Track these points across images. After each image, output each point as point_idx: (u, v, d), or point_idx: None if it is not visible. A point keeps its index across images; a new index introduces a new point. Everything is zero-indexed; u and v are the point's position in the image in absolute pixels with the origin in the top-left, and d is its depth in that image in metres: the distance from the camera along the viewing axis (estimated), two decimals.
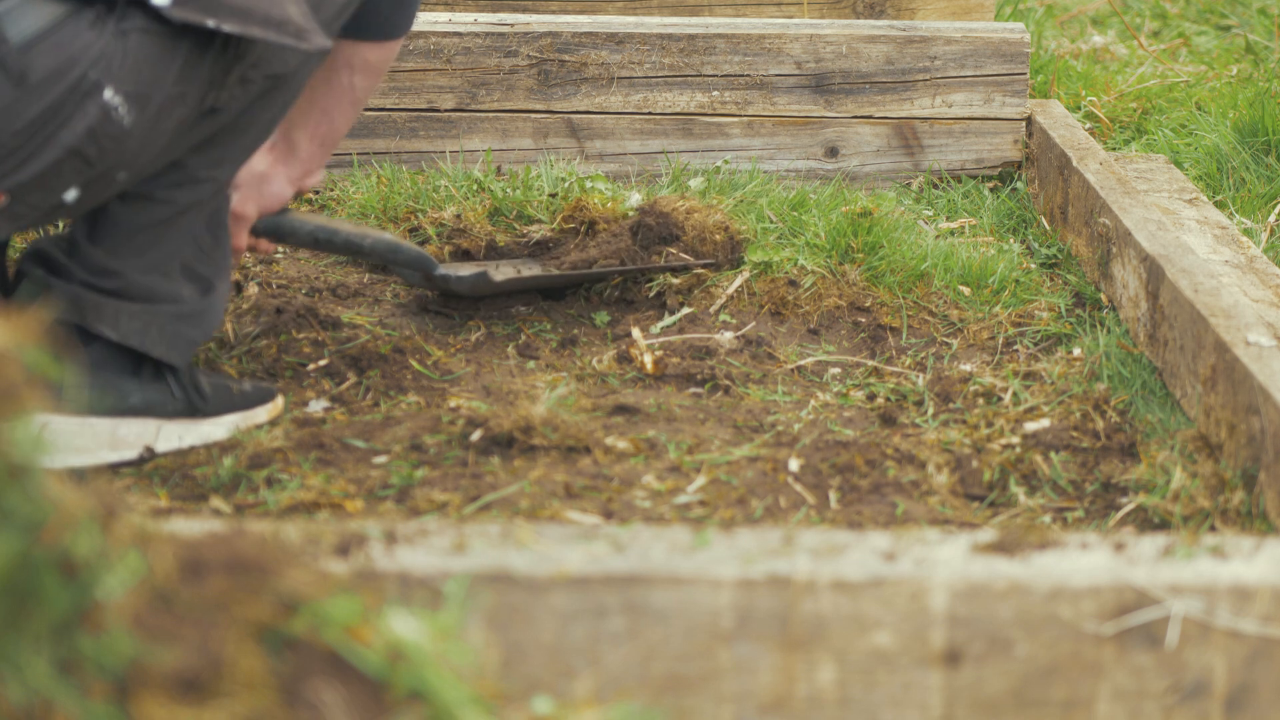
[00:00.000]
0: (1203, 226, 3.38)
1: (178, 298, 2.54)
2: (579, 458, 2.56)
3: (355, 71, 2.62)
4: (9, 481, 1.34)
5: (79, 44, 2.28)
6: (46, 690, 1.30)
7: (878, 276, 3.14)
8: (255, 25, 2.33)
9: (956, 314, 3.08)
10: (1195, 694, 1.74)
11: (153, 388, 2.55)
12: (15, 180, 2.30)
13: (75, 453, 2.51)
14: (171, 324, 2.53)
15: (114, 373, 2.52)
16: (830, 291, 3.09)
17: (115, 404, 2.52)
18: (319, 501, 2.43)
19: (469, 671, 1.45)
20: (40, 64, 2.26)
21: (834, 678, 1.73)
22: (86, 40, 2.28)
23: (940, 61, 3.66)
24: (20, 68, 2.25)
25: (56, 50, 2.27)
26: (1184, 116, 4.12)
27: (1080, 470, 2.56)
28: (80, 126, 2.30)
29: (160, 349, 2.53)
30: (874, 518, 2.42)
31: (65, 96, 2.28)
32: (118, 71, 2.30)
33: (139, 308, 2.51)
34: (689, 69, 3.65)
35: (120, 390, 2.53)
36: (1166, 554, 1.77)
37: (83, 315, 2.49)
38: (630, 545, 1.75)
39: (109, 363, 2.53)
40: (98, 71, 2.29)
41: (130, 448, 2.55)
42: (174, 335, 2.53)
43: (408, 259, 2.95)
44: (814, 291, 3.08)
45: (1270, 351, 2.40)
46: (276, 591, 1.40)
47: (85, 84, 2.29)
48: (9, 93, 2.25)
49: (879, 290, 3.10)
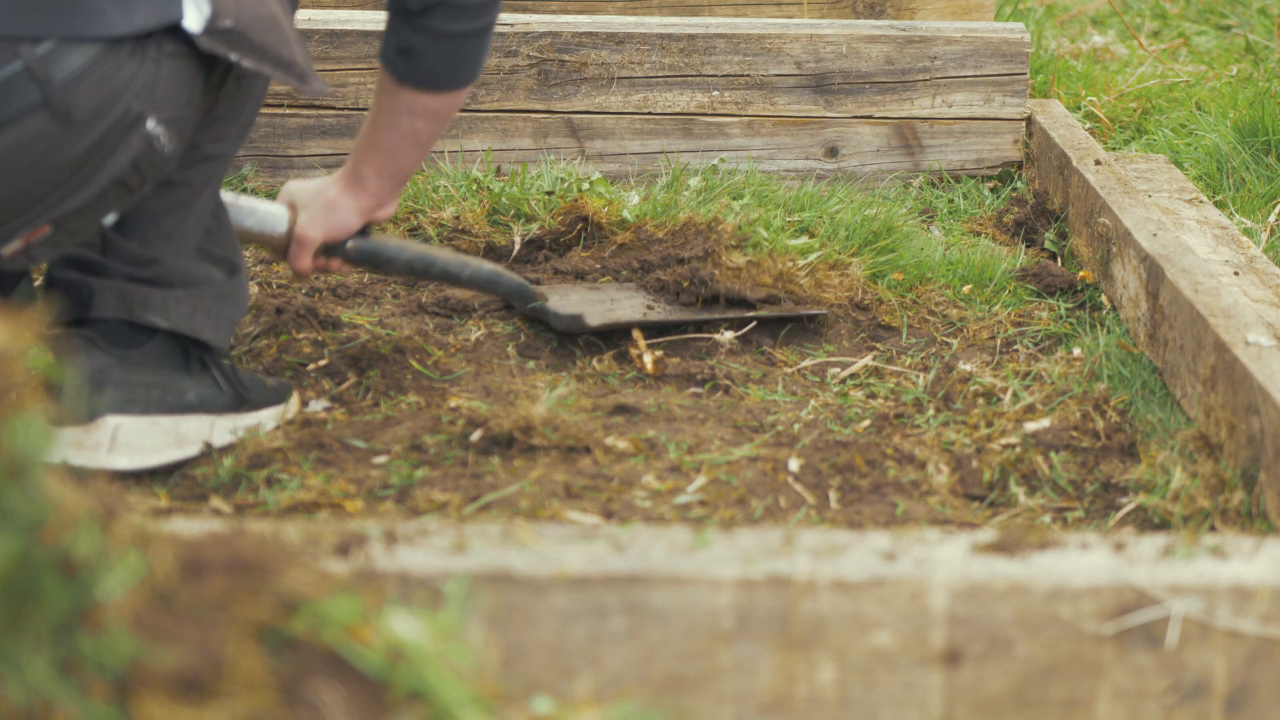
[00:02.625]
0: (1203, 226, 3.38)
1: (211, 279, 2.57)
2: (579, 458, 2.56)
3: (417, 117, 2.64)
4: (9, 481, 1.34)
5: (121, 77, 2.30)
6: (46, 690, 1.30)
7: (880, 275, 3.14)
8: (268, 64, 2.40)
9: (956, 313, 3.08)
10: (1195, 694, 1.74)
11: (204, 383, 2.58)
12: (59, 212, 2.34)
13: (148, 453, 2.52)
14: (215, 305, 2.56)
15: (171, 370, 2.54)
16: (831, 283, 3.09)
17: (175, 402, 2.54)
18: (319, 501, 2.44)
19: (469, 671, 1.45)
20: (84, 102, 2.28)
21: (834, 678, 1.73)
22: (128, 72, 2.31)
23: (940, 61, 3.66)
24: (65, 106, 2.27)
25: (100, 86, 2.29)
26: (1184, 116, 4.12)
27: (1080, 470, 2.56)
28: (125, 158, 2.34)
29: (208, 332, 2.55)
30: (874, 518, 2.42)
31: (110, 130, 2.31)
32: (157, 99, 2.34)
33: (183, 293, 2.53)
34: (689, 69, 3.65)
35: (178, 388, 2.55)
36: (1166, 554, 1.77)
37: (131, 309, 2.51)
38: (630, 545, 1.76)
39: (165, 361, 2.55)
40: (140, 103, 2.32)
41: (192, 444, 2.56)
42: (218, 317, 2.56)
43: (507, 290, 2.93)
44: (815, 280, 3.08)
45: (1270, 351, 2.40)
46: (276, 591, 1.40)
47: (129, 117, 2.32)
48: (55, 131, 2.28)
49: (878, 289, 3.11)
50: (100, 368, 2.49)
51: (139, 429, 2.51)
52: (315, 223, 2.71)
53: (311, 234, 2.71)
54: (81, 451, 2.48)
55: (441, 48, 2.58)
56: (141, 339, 2.53)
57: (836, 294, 3.08)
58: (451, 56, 2.60)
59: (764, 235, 3.11)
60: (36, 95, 2.24)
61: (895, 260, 3.17)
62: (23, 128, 2.25)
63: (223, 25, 2.34)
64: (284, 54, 2.42)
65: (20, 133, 2.25)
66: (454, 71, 2.61)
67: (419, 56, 2.58)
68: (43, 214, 2.32)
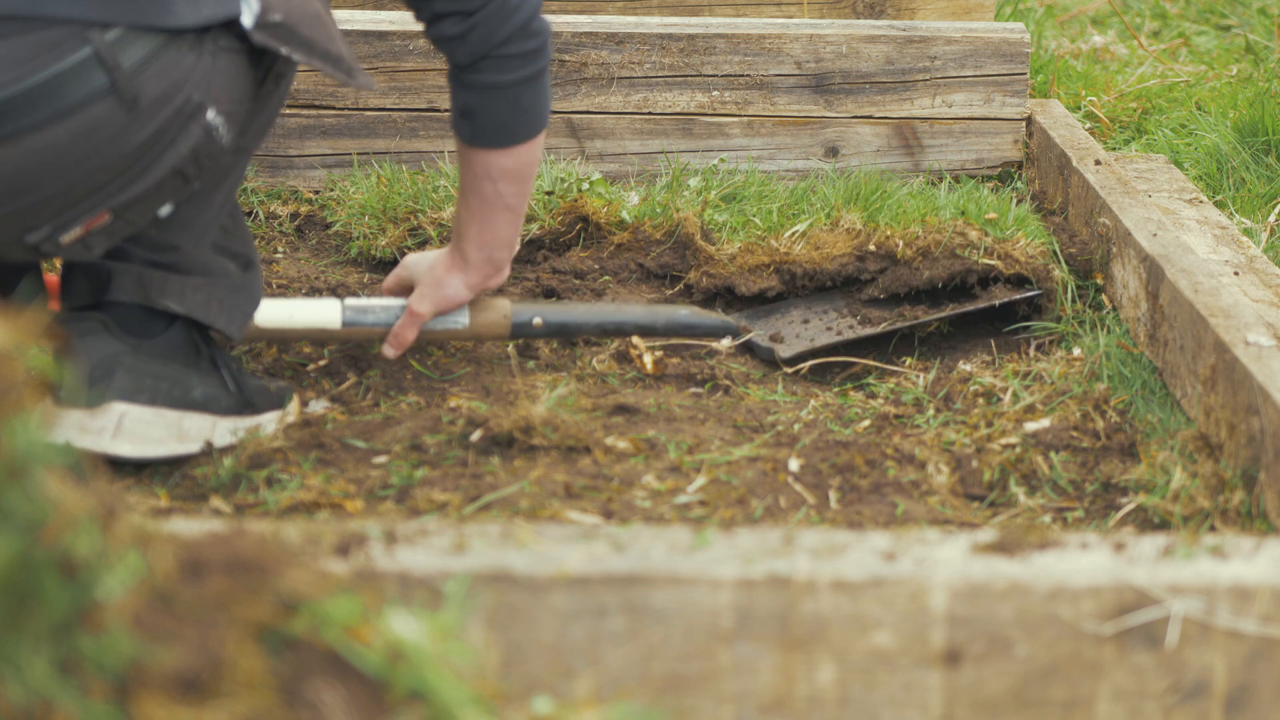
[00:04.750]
0: (1203, 226, 3.38)
1: (226, 271, 2.59)
2: (579, 458, 2.56)
3: (496, 180, 2.64)
4: (9, 481, 1.34)
5: (183, 67, 2.34)
6: (46, 690, 1.30)
7: (875, 214, 3.12)
8: (317, 58, 2.44)
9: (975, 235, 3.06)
10: (1195, 694, 1.74)
11: (210, 382, 2.58)
12: (120, 200, 2.37)
13: (151, 444, 2.53)
14: (229, 296, 2.58)
15: (180, 365, 2.55)
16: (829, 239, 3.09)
17: (181, 396, 2.56)
18: (319, 501, 2.44)
19: (469, 671, 1.45)
20: (150, 88, 2.32)
21: (834, 678, 1.73)
22: (189, 63, 2.35)
23: (940, 61, 3.66)
24: (133, 93, 2.30)
25: (163, 74, 2.32)
26: (1184, 116, 4.12)
27: (1080, 470, 2.56)
28: (185, 147, 2.37)
29: (221, 321, 2.57)
30: (874, 518, 2.42)
31: (172, 119, 2.35)
32: (216, 92, 2.38)
33: (200, 280, 2.55)
34: (689, 69, 3.65)
35: (185, 383, 2.56)
36: (1166, 554, 1.77)
37: (148, 294, 2.52)
38: (630, 545, 1.75)
39: (176, 354, 2.56)
40: (200, 93, 2.36)
41: (194, 441, 2.57)
42: (232, 308, 2.58)
43: (709, 331, 2.93)
44: (811, 244, 3.07)
45: (1270, 351, 2.40)
46: (276, 591, 1.40)
47: (189, 106, 2.36)
48: (121, 118, 2.31)
49: (879, 226, 3.09)
50: (111, 353, 2.50)
51: (144, 418, 2.52)
52: (425, 298, 2.75)
53: (422, 309, 2.75)
54: (85, 435, 2.49)
55: (497, 102, 2.59)
56: (155, 329, 2.54)
57: (842, 246, 3.07)
58: (510, 109, 2.60)
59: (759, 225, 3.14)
60: (104, 81, 2.28)
61: (886, 204, 3.16)
62: (90, 113, 2.29)
63: (272, 19, 2.38)
64: (331, 49, 2.46)
65: (87, 118, 2.29)
66: (516, 124, 2.62)
67: (478, 115, 2.60)
68: (104, 201, 2.35)
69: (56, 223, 2.35)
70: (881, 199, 3.18)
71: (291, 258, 3.40)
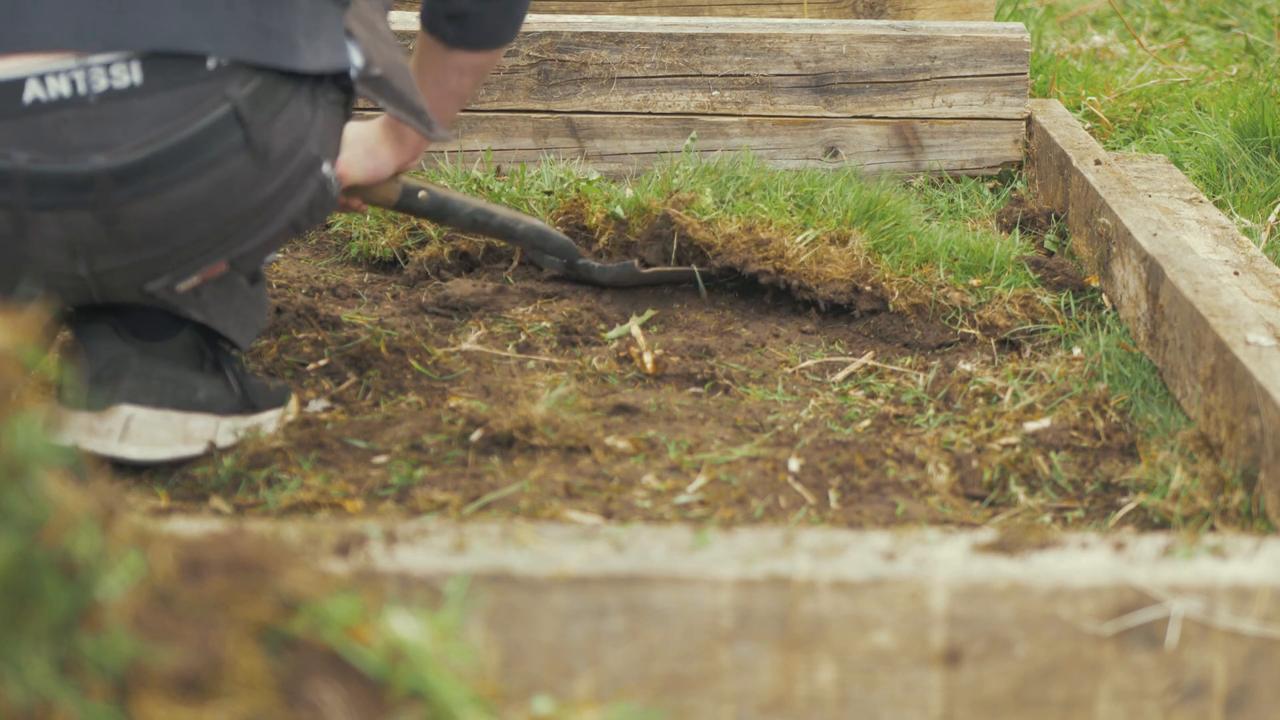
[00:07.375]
0: (1203, 226, 3.38)
1: (237, 283, 2.59)
2: (579, 458, 2.56)
3: (465, 75, 2.75)
4: (9, 481, 1.34)
5: (303, 121, 2.38)
6: (46, 690, 1.30)
7: (879, 249, 3.12)
8: (404, 110, 2.55)
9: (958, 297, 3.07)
10: (1195, 694, 1.74)
11: (215, 383, 2.59)
12: (239, 250, 2.41)
13: (157, 446, 2.53)
14: (243, 306, 2.59)
15: (186, 367, 2.57)
16: (830, 257, 3.08)
17: (187, 398, 2.56)
18: (319, 501, 2.44)
19: (469, 671, 1.45)
20: (278, 143, 2.36)
21: (834, 678, 1.73)
22: (307, 117, 2.39)
23: (940, 61, 3.66)
24: (264, 146, 2.34)
25: (289, 128, 2.36)
26: (1184, 116, 4.12)
27: (1080, 470, 2.56)
28: (303, 200, 2.42)
29: (235, 331, 2.59)
30: (874, 518, 2.42)
31: (296, 171, 2.39)
32: (327, 144, 2.43)
33: (220, 290, 2.56)
34: (689, 69, 3.65)
35: (191, 385, 2.56)
36: (1166, 554, 1.77)
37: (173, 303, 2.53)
38: (630, 545, 1.75)
39: (182, 357, 2.57)
40: (317, 146, 2.41)
41: (198, 443, 2.57)
42: (244, 319, 2.59)
43: (554, 246, 3.12)
44: (815, 255, 3.07)
45: (1270, 351, 2.40)
46: (276, 591, 1.40)
47: (309, 159, 2.40)
48: (254, 171, 2.34)
49: (881, 265, 3.09)
50: (119, 356, 2.51)
51: (151, 421, 2.52)
52: (354, 164, 2.78)
53: (350, 174, 2.78)
54: (93, 437, 2.50)
55: (493, 9, 2.69)
56: (163, 333, 2.55)
57: (839, 270, 3.07)
58: (502, 16, 2.71)
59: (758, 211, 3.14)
60: (240, 136, 2.32)
61: (894, 234, 3.15)
62: (227, 167, 2.32)
63: (374, 73, 2.46)
64: (416, 102, 2.57)
65: (225, 172, 2.32)
66: (503, 29, 2.73)
67: (471, 20, 2.68)
68: (226, 252, 2.40)
69: (178, 272, 2.39)
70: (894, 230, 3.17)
71: (291, 258, 3.40)
